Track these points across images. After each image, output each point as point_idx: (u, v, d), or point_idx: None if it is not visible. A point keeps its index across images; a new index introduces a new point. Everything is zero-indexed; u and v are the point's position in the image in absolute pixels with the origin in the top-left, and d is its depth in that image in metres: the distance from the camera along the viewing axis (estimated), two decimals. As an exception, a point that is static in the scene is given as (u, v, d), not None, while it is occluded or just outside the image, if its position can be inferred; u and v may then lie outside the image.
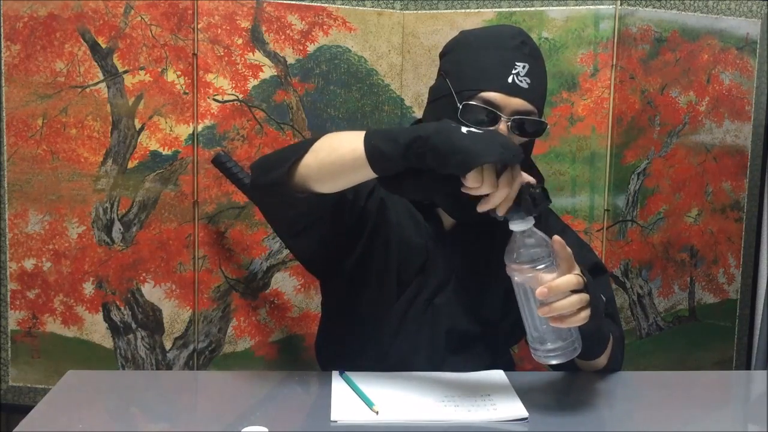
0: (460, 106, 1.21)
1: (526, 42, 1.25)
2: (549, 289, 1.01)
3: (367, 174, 1.08)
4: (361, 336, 1.33)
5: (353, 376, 1.19)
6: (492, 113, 1.20)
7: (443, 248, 1.30)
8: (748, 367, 2.01)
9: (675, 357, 1.95)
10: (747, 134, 1.97)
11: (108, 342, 1.78)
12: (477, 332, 1.31)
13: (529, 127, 1.22)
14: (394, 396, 1.13)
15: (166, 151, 1.74)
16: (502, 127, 1.19)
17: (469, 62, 1.25)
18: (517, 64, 1.21)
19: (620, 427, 1.08)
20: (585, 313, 1.05)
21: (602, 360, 1.24)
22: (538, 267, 1.03)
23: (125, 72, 1.72)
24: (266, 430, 0.95)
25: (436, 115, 1.25)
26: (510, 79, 1.20)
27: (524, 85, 1.21)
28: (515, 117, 1.20)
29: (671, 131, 1.87)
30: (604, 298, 1.18)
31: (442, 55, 1.33)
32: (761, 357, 1.93)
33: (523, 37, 1.25)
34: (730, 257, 1.99)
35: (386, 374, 1.21)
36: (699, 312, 1.98)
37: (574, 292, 1.03)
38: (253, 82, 1.76)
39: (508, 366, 1.42)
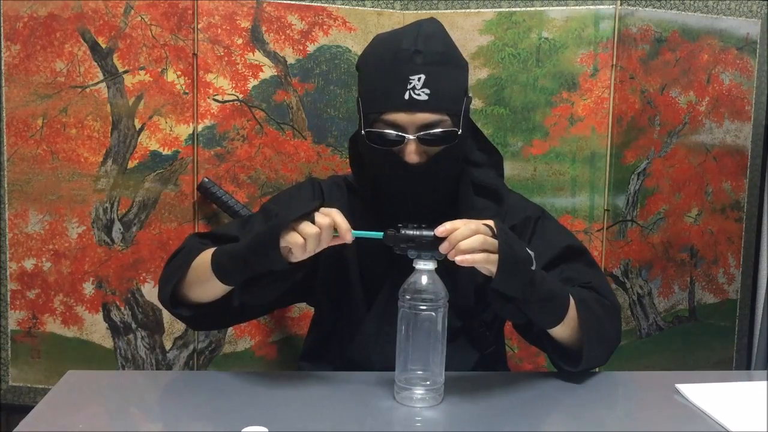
0: (364, 133, 1.20)
1: (421, 49, 1.18)
2: (450, 226, 1.04)
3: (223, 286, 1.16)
4: (341, 343, 1.33)
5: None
6: (396, 135, 1.18)
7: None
8: (748, 367, 2.01)
9: (675, 357, 1.95)
10: (747, 134, 1.97)
11: (108, 342, 1.78)
12: (458, 326, 1.29)
13: (436, 137, 1.19)
14: None
15: (166, 151, 1.74)
16: (411, 146, 1.18)
17: (368, 84, 1.23)
18: (411, 78, 1.17)
19: (620, 427, 1.08)
20: (486, 256, 1.03)
21: (567, 332, 1.18)
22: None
23: (125, 72, 1.73)
24: (266, 430, 0.96)
25: (358, 143, 1.27)
26: (407, 96, 1.17)
27: (423, 97, 1.17)
28: (421, 133, 1.17)
29: (671, 131, 1.87)
30: (534, 262, 1.11)
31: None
32: (761, 357, 1.93)
33: (417, 45, 1.19)
34: (730, 257, 1.99)
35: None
36: (699, 312, 1.98)
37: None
38: (253, 82, 1.76)
39: (498, 358, 1.41)
